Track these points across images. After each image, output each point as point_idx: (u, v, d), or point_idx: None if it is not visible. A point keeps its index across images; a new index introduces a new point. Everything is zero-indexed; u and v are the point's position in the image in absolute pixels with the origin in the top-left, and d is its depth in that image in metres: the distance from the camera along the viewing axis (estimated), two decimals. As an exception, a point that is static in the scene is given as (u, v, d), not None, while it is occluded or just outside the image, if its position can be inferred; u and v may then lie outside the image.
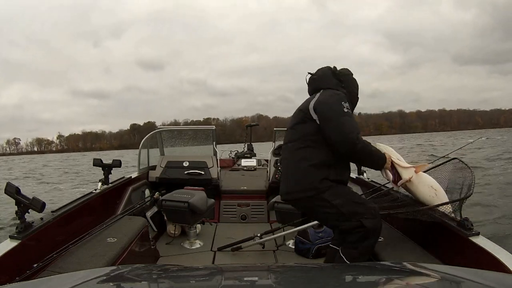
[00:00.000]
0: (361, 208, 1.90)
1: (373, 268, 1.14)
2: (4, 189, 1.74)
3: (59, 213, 2.03)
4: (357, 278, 0.97)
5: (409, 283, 0.87)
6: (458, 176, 2.04)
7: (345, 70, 2.09)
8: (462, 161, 2.07)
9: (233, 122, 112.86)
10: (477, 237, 1.67)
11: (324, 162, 1.92)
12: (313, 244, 2.75)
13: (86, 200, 2.37)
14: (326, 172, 1.92)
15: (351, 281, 0.94)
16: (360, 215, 1.86)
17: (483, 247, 1.59)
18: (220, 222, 3.62)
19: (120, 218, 2.49)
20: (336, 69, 2.08)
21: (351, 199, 1.94)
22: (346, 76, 2.06)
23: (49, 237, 1.87)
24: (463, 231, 1.72)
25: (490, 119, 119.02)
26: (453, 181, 2.06)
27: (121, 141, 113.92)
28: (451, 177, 2.10)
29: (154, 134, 3.98)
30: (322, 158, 1.92)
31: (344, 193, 1.96)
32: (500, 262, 1.47)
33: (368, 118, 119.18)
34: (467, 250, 1.66)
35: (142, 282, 0.96)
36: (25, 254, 1.67)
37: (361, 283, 0.93)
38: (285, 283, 0.88)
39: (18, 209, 1.73)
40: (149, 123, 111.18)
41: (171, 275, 1.01)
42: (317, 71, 2.10)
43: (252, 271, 1.13)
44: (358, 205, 1.92)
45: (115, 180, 3.01)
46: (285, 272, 1.03)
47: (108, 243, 2.04)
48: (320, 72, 2.08)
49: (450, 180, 2.09)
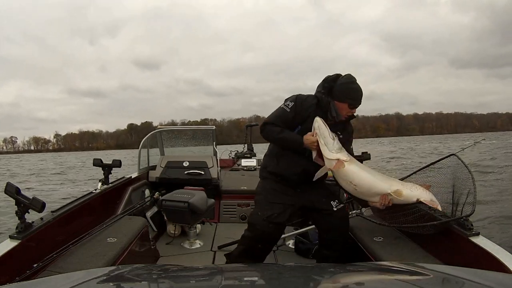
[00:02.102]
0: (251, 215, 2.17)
1: (373, 268, 1.14)
2: (4, 189, 1.74)
3: (59, 213, 2.02)
4: (357, 278, 0.97)
5: (409, 283, 0.87)
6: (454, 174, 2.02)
7: (335, 76, 2.09)
8: (459, 158, 2.06)
9: (230, 123, 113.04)
10: (477, 237, 1.67)
11: (271, 152, 2.22)
12: (313, 244, 2.75)
13: (86, 200, 2.37)
14: (266, 161, 2.23)
15: (351, 281, 0.94)
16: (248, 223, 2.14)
17: (483, 247, 1.59)
18: (220, 222, 3.62)
19: (120, 218, 2.49)
20: (339, 76, 2.10)
21: (258, 200, 2.17)
22: (330, 82, 2.08)
23: (49, 237, 1.86)
24: (463, 231, 1.72)
25: (487, 123, 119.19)
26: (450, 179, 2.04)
27: (118, 141, 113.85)
28: (448, 174, 2.08)
29: (154, 134, 3.98)
30: (271, 148, 2.23)
31: (259, 191, 2.20)
32: (500, 262, 1.47)
33: (365, 120, 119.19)
34: (467, 250, 1.66)
35: (142, 282, 0.96)
36: (25, 254, 1.67)
37: (361, 283, 0.93)
38: (285, 283, 0.87)
39: (18, 209, 1.73)
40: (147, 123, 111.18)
41: (171, 275, 1.01)
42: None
43: (252, 271, 1.13)
44: (254, 209, 2.17)
45: (115, 180, 3.01)
46: (285, 272, 1.03)
47: (108, 243, 2.04)
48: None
49: (447, 177, 2.07)
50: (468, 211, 1.76)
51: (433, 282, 0.89)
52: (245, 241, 2.12)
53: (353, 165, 2.00)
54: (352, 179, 2.00)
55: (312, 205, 2.16)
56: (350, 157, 2.01)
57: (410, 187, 2.04)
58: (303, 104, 2.06)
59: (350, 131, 2.22)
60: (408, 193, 2.01)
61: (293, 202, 2.12)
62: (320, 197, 2.16)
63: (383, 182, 2.02)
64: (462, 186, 1.92)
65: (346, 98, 2.02)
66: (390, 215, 2.16)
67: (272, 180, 2.18)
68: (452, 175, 2.04)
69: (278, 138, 2.08)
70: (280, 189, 2.14)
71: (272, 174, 2.18)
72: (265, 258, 2.16)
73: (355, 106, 2.05)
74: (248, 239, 2.10)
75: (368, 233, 2.19)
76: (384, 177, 2.07)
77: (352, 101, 2.03)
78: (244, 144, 6.26)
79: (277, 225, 2.05)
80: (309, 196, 2.15)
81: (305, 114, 2.05)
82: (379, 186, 2.01)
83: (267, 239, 2.09)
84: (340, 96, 2.03)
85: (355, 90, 2.03)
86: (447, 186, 2.05)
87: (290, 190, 2.14)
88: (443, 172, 2.14)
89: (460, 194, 1.90)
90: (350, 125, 2.23)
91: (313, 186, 2.14)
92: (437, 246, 1.88)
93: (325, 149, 1.95)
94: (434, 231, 1.88)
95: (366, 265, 1.31)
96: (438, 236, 1.87)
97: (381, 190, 2.00)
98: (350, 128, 2.23)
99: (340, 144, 1.98)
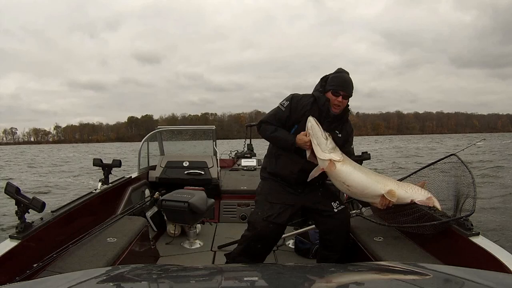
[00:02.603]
0: (251, 215, 2.19)
1: (373, 268, 1.14)
2: (4, 189, 1.74)
3: (59, 213, 2.02)
4: (357, 278, 0.97)
5: (409, 283, 0.87)
6: (455, 175, 2.02)
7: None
8: (459, 158, 2.06)
9: (230, 118, 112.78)
10: (477, 237, 1.67)
11: (270, 153, 2.24)
12: (313, 244, 2.75)
13: (86, 200, 2.37)
14: (266, 162, 2.26)
15: (351, 281, 0.94)
16: (248, 222, 2.16)
17: (483, 247, 1.59)
18: (220, 222, 3.62)
19: (120, 218, 2.49)
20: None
21: (258, 200, 2.18)
22: (324, 78, 2.11)
23: (49, 237, 1.86)
24: (463, 231, 1.72)
25: (488, 123, 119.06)
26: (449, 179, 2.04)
27: (118, 134, 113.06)
28: (448, 174, 2.08)
29: (154, 134, 3.98)
30: (269, 148, 2.26)
31: (259, 191, 2.22)
32: (500, 262, 1.47)
33: (365, 118, 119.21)
34: (467, 250, 1.66)
35: (142, 282, 0.96)
36: (25, 254, 1.67)
37: (361, 283, 0.93)
38: (285, 283, 0.87)
39: (18, 209, 1.73)
40: (147, 116, 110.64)
41: (171, 275, 1.01)
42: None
43: (252, 271, 1.13)
44: (254, 209, 2.19)
45: (115, 180, 3.01)
46: (285, 272, 1.03)
47: (108, 243, 2.04)
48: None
49: (447, 177, 2.07)
50: (468, 211, 1.76)
51: (433, 282, 0.89)
52: (245, 241, 2.12)
53: (346, 166, 1.98)
54: (345, 179, 1.98)
55: (313, 206, 2.15)
56: (344, 157, 1.98)
57: (405, 188, 2.03)
58: (298, 103, 2.07)
59: (349, 130, 2.21)
60: (402, 194, 1.99)
61: (293, 203, 2.12)
62: (321, 198, 2.16)
63: (377, 183, 2.00)
64: (462, 186, 1.92)
65: (329, 86, 2.04)
66: (390, 215, 2.16)
67: (272, 180, 2.18)
68: (452, 175, 2.04)
69: (272, 136, 2.10)
70: (280, 190, 2.14)
71: (272, 174, 2.18)
72: (265, 258, 2.16)
73: (338, 92, 2.03)
74: (248, 239, 2.10)
75: (368, 233, 2.19)
76: (379, 178, 2.05)
77: (334, 87, 2.03)
78: (244, 140, 6.36)
79: (277, 225, 2.05)
80: (310, 197, 2.15)
81: (301, 113, 2.05)
82: (372, 187, 1.99)
83: (267, 239, 2.09)
84: (327, 87, 2.05)
85: (337, 78, 2.05)
86: (447, 186, 2.05)
87: (291, 190, 2.14)
88: (443, 172, 2.14)
89: (460, 194, 1.90)
90: (349, 125, 2.21)
91: (314, 187, 2.14)
92: (437, 246, 1.88)
93: (318, 149, 1.94)
94: (434, 231, 1.87)
95: (366, 265, 1.31)
96: (438, 236, 1.87)
97: (375, 191, 1.99)
98: (350, 127, 2.21)
99: (333, 144, 1.96)
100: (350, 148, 2.21)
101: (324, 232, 2.19)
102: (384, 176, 2.11)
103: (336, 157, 1.94)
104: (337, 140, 2.03)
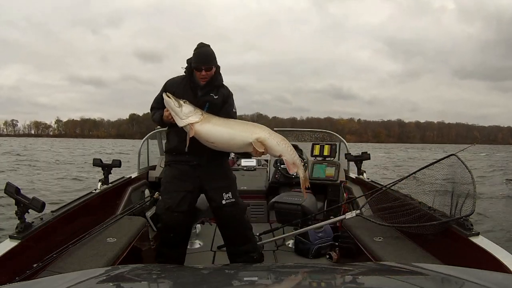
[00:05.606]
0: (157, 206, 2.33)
1: (373, 268, 1.15)
2: (4, 189, 1.74)
3: (59, 213, 2.02)
4: (357, 278, 0.97)
5: (409, 283, 0.87)
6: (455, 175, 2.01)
7: None
8: (459, 159, 2.05)
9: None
10: (477, 237, 1.67)
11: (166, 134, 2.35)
12: (313, 244, 2.75)
13: (86, 200, 2.37)
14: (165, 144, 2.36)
15: (351, 281, 0.94)
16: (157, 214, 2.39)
17: (483, 247, 1.58)
18: None
19: (120, 218, 2.49)
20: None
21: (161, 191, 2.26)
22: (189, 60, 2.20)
23: (49, 237, 1.86)
24: (463, 231, 1.72)
25: (488, 135, 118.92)
26: (450, 179, 2.04)
27: (119, 131, 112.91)
28: (448, 174, 2.07)
29: (154, 134, 3.98)
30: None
31: (162, 181, 2.30)
32: (500, 262, 1.47)
33: (366, 125, 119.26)
34: (467, 250, 1.66)
35: (142, 282, 0.96)
36: (25, 254, 1.67)
37: (361, 283, 0.93)
38: (285, 283, 0.87)
39: (18, 209, 1.72)
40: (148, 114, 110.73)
41: (171, 275, 1.01)
42: None
43: (252, 271, 1.13)
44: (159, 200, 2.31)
45: (115, 180, 3.01)
46: (285, 272, 1.03)
47: (108, 243, 2.04)
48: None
49: (447, 177, 2.07)
50: (468, 211, 1.76)
51: (433, 282, 0.89)
52: (160, 233, 2.24)
53: (205, 124, 1.98)
54: (207, 137, 1.99)
55: (208, 191, 2.21)
56: (204, 117, 1.99)
57: (278, 140, 2.02)
58: (170, 85, 2.21)
59: (226, 93, 2.24)
60: (273, 146, 2.00)
61: (191, 188, 2.17)
62: (214, 183, 2.19)
63: (243, 132, 2.00)
64: (462, 186, 1.91)
65: (192, 64, 2.12)
66: (390, 215, 2.16)
67: (171, 165, 2.23)
68: (452, 175, 2.04)
69: (153, 119, 2.30)
70: (178, 175, 2.17)
71: (168, 153, 2.26)
72: (185, 244, 2.28)
73: (200, 68, 2.09)
74: (161, 230, 2.23)
75: (368, 233, 2.19)
76: (247, 126, 2.04)
77: (195, 64, 2.11)
78: None
79: (181, 213, 2.11)
80: (206, 181, 2.19)
81: (172, 90, 2.12)
82: (238, 137, 1.99)
83: (176, 227, 2.16)
84: (192, 65, 2.13)
85: (196, 55, 2.12)
86: (447, 186, 2.05)
87: (188, 169, 2.17)
88: (443, 172, 2.13)
89: (460, 194, 1.90)
90: (225, 89, 2.25)
91: (212, 170, 2.18)
92: (437, 246, 1.88)
93: (177, 118, 1.99)
94: (434, 231, 1.88)
95: (366, 265, 1.31)
96: (438, 236, 1.87)
97: (242, 140, 1.99)
98: (226, 90, 2.25)
99: (190, 108, 1.99)
100: (230, 109, 2.25)
101: (218, 225, 2.32)
102: (255, 125, 2.10)
103: (194, 119, 1.97)
104: (215, 102, 2.15)
